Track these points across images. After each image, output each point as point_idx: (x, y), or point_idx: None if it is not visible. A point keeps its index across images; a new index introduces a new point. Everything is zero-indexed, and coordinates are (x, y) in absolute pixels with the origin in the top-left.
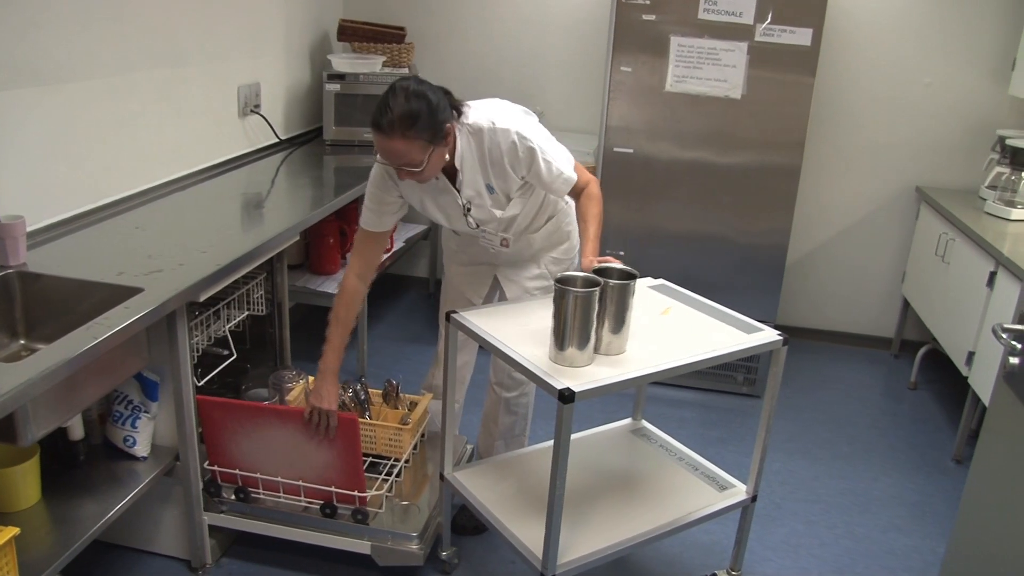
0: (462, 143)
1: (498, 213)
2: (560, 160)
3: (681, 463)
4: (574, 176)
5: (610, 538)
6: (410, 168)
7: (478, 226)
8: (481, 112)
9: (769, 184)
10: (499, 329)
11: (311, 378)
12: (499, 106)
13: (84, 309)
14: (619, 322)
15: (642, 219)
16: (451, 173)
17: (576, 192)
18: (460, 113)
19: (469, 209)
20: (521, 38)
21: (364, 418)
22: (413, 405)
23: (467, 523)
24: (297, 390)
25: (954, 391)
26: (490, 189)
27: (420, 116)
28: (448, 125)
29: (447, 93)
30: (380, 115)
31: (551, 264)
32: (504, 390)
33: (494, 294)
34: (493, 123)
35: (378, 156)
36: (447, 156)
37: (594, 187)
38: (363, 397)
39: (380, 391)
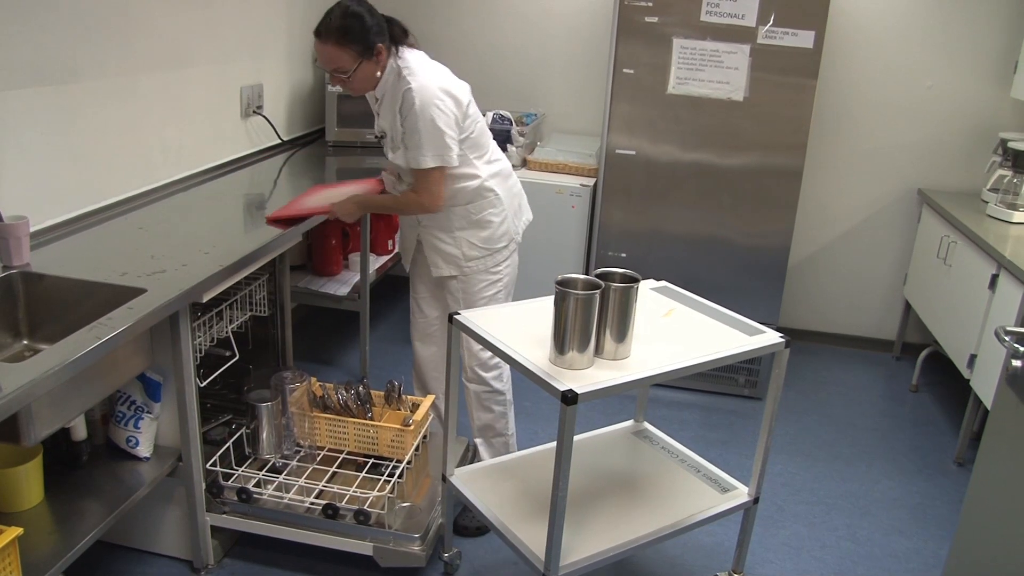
0: (388, 78)
1: (390, 155)
2: (426, 145)
3: (683, 465)
4: (424, 165)
5: (612, 540)
6: (339, 75)
7: (391, 158)
8: (413, 62)
9: (771, 186)
10: (501, 331)
11: (313, 379)
12: (434, 69)
13: (87, 310)
14: (622, 327)
15: (644, 221)
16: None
17: (413, 183)
18: (399, 46)
19: (382, 137)
20: (524, 40)
21: (366, 419)
22: (415, 407)
23: (468, 524)
24: (299, 391)
25: (956, 394)
26: (393, 131)
27: (352, 29)
28: (379, 46)
29: (397, 25)
30: (320, 23)
31: (467, 248)
32: (471, 383)
33: (420, 257)
34: (409, 72)
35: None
36: (378, 75)
37: (413, 199)
38: (365, 398)
39: (382, 392)
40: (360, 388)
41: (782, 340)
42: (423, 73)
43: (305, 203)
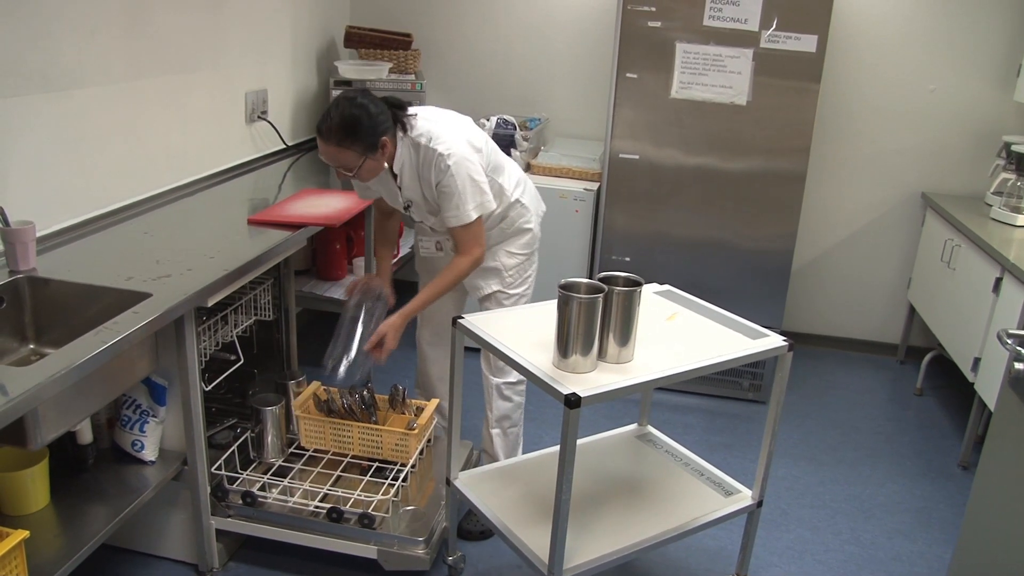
0: (403, 152)
1: (431, 219)
2: (469, 201)
3: (687, 468)
4: (470, 219)
5: (616, 543)
6: (345, 171)
7: (420, 221)
8: (427, 127)
9: (775, 190)
10: (504, 334)
11: (317, 383)
12: (449, 125)
13: (93, 314)
14: (626, 330)
15: (648, 225)
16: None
17: (457, 245)
18: (405, 128)
19: (409, 207)
20: (527, 45)
21: (371, 423)
22: (419, 410)
23: (472, 528)
24: (304, 395)
25: (960, 397)
26: (424, 198)
27: (355, 129)
28: (384, 139)
29: (398, 106)
30: (321, 122)
31: (506, 257)
32: (494, 376)
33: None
34: (430, 139)
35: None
36: (384, 165)
37: (466, 260)
38: (369, 402)
39: (386, 396)
40: (364, 392)
41: (785, 344)
42: (445, 135)
43: (293, 209)
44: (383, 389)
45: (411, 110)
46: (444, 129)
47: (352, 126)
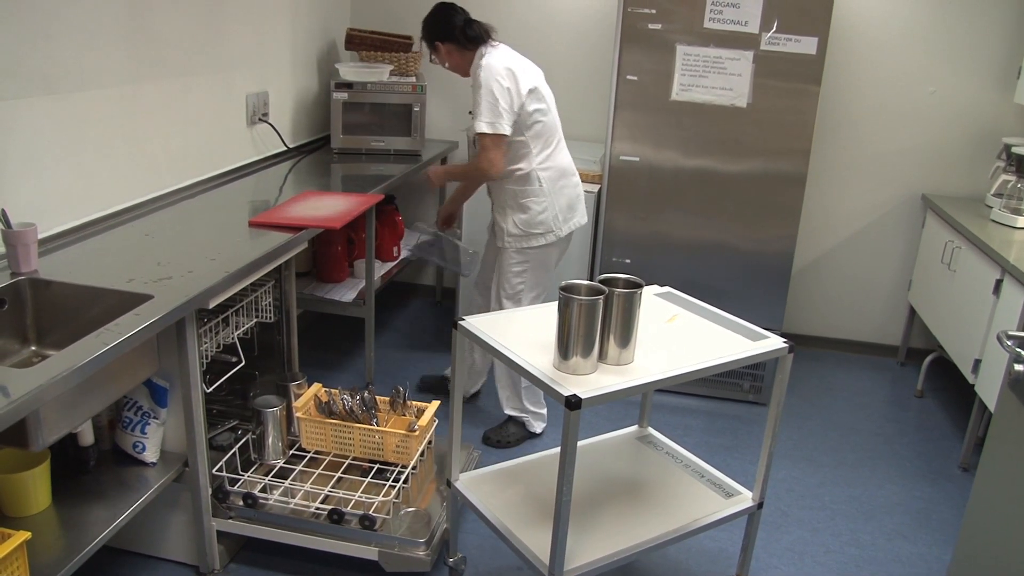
0: (475, 63)
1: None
2: (483, 112)
3: (687, 470)
4: (479, 129)
5: (616, 544)
6: (438, 60)
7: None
8: (494, 51)
9: (775, 192)
10: (505, 336)
11: (318, 385)
12: (509, 54)
13: (94, 316)
14: (626, 332)
15: (648, 227)
16: None
17: (476, 155)
18: (475, 42)
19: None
20: (527, 47)
21: (371, 425)
22: (420, 412)
23: (492, 436)
24: (305, 397)
25: (961, 399)
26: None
27: (425, 27)
28: (448, 40)
29: (475, 24)
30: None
31: (511, 226)
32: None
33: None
34: (483, 56)
35: None
36: (461, 61)
37: (474, 163)
38: (370, 404)
39: (387, 398)
40: (365, 394)
41: (785, 345)
42: (495, 56)
43: (294, 211)
44: (384, 391)
45: (494, 41)
46: (501, 54)
47: (429, 20)
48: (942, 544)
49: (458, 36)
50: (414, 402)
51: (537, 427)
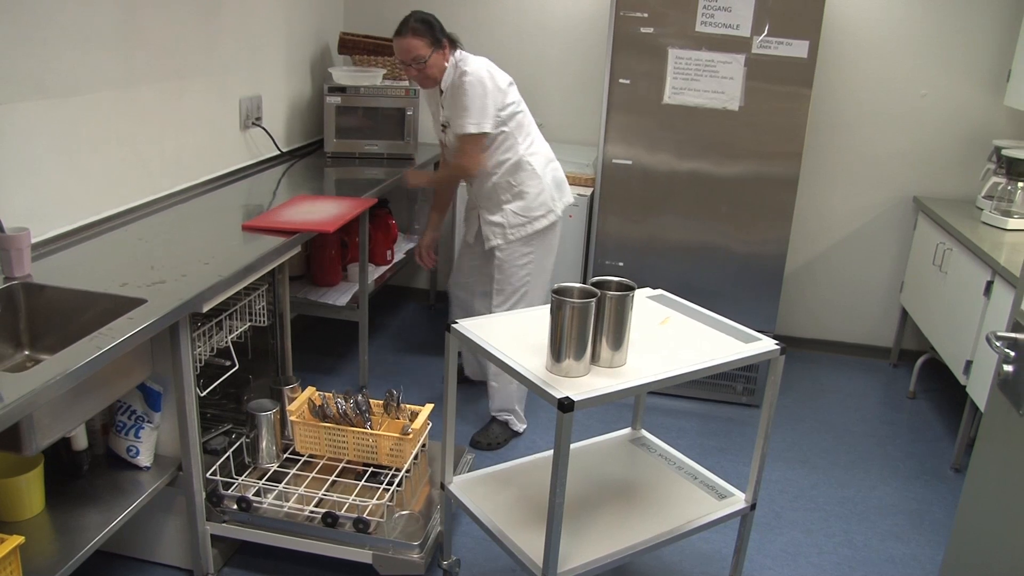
0: (450, 72)
1: (451, 137)
2: (469, 114)
3: (680, 472)
4: (466, 130)
5: (610, 546)
6: (417, 64)
7: (444, 140)
8: (467, 57)
9: (767, 195)
10: (498, 339)
11: (312, 388)
12: (484, 60)
13: (88, 320)
14: (618, 334)
15: (641, 230)
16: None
17: (457, 151)
18: (455, 46)
19: (446, 127)
20: (521, 51)
21: (365, 428)
22: (414, 415)
23: (488, 441)
24: (299, 400)
25: (953, 400)
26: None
27: (429, 23)
28: (444, 41)
29: (449, 34)
30: (401, 25)
31: (512, 217)
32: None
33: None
34: (463, 63)
35: (398, 61)
36: (444, 65)
37: (455, 165)
38: (364, 407)
39: (381, 402)
40: (359, 397)
41: (777, 347)
42: (474, 62)
43: (288, 215)
44: (378, 394)
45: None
46: (478, 60)
47: (427, 21)
48: (935, 545)
49: (448, 43)
50: (407, 405)
51: (520, 427)
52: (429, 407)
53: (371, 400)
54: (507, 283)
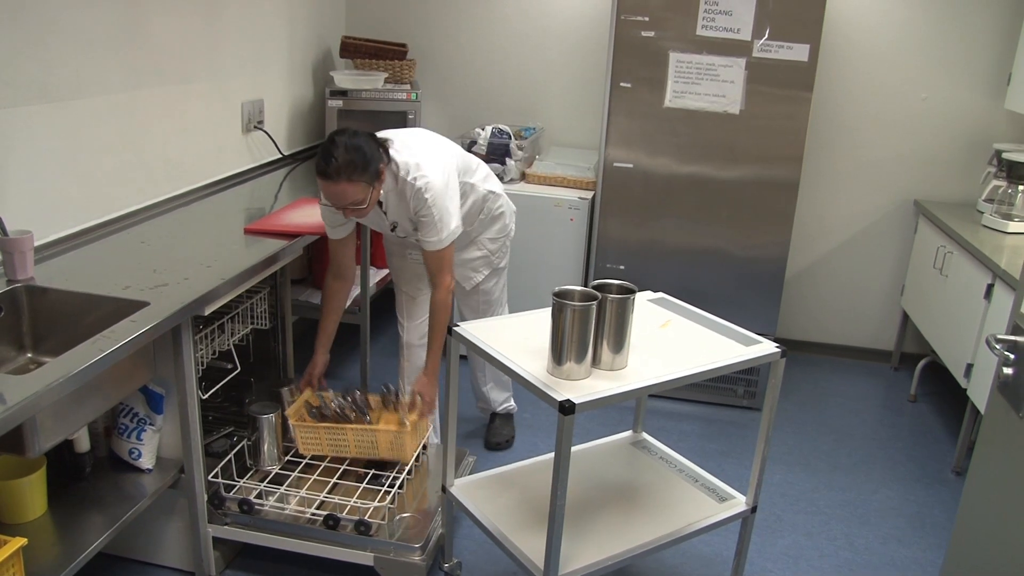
0: (387, 182)
1: (411, 237)
2: (444, 229)
3: (681, 475)
4: (444, 245)
5: (611, 549)
6: (356, 207)
7: (404, 236)
8: (404, 158)
9: (768, 198)
10: (499, 342)
11: (309, 390)
12: (426, 153)
13: (90, 323)
14: (619, 337)
15: (642, 233)
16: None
17: (429, 270)
18: (388, 156)
19: (395, 227)
20: (522, 54)
21: (364, 423)
22: (411, 407)
23: (491, 440)
24: (296, 403)
25: (954, 403)
26: (409, 219)
27: (360, 163)
28: (381, 166)
29: (374, 138)
30: (326, 164)
31: (488, 243)
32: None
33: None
34: (408, 171)
35: (322, 199)
36: (382, 190)
37: (444, 293)
38: (361, 404)
39: (378, 396)
40: (357, 394)
41: (778, 350)
42: (422, 165)
43: (289, 218)
44: (373, 389)
45: (384, 135)
46: (420, 159)
47: (357, 160)
48: (936, 548)
49: (384, 161)
50: (405, 398)
51: (514, 404)
52: None
53: (368, 396)
54: (498, 309)
